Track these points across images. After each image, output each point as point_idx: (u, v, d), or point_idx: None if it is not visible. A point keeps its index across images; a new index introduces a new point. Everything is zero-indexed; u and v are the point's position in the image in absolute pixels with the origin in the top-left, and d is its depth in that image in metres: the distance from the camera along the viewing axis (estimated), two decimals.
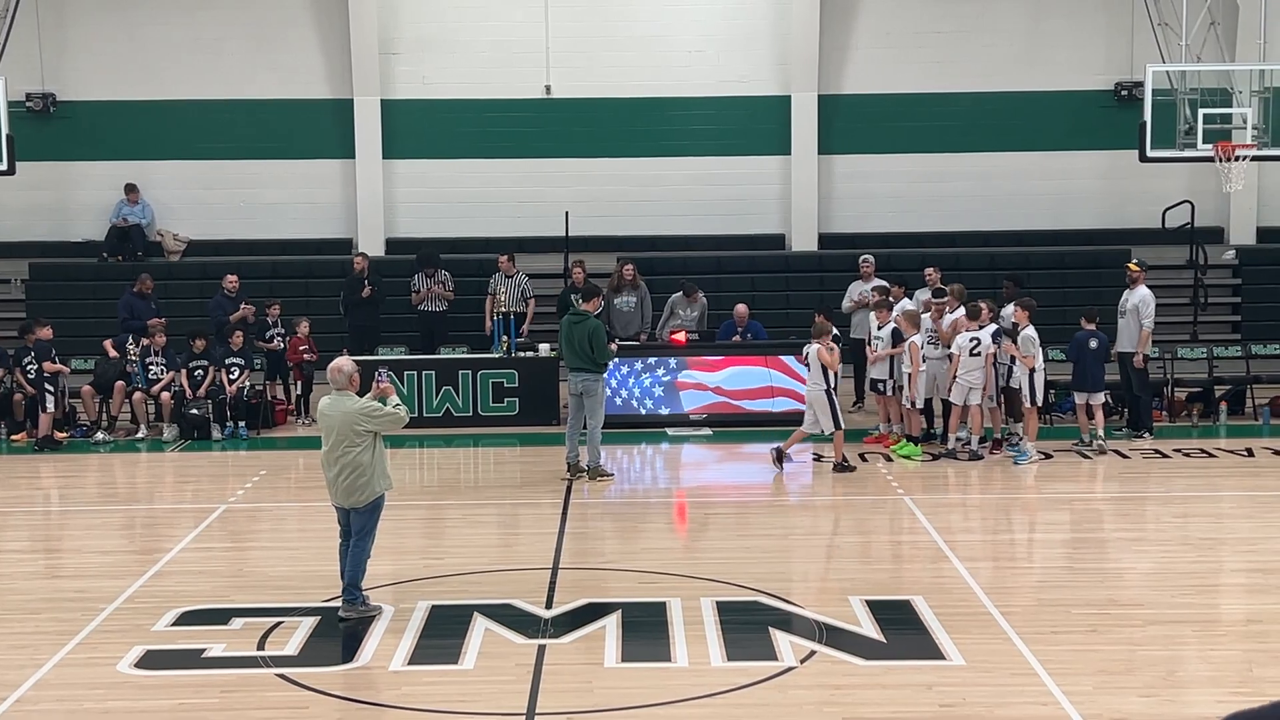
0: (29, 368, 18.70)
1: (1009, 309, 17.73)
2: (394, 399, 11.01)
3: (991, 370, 16.88)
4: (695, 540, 13.80)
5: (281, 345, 19.99)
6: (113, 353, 19.43)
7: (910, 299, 18.77)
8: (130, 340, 19.48)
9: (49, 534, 14.73)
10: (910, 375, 17.07)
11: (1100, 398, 17.47)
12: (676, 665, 9.73)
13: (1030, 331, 16.78)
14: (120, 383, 19.11)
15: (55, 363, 18.63)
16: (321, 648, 10.26)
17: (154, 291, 20.98)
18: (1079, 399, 17.51)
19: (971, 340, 16.71)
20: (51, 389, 18.45)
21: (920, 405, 17.35)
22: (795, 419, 18.35)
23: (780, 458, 16.29)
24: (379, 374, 11.13)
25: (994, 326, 17.02)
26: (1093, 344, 17.38)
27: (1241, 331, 23.29)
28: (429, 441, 18.67)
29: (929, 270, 19.62)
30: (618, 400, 19.06)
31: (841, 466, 16.11)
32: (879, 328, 17.79)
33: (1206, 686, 9.39)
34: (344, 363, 10.97)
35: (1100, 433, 17.23)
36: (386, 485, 10.92)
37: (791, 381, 18.93)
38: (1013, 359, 16.96)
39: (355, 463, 10.69)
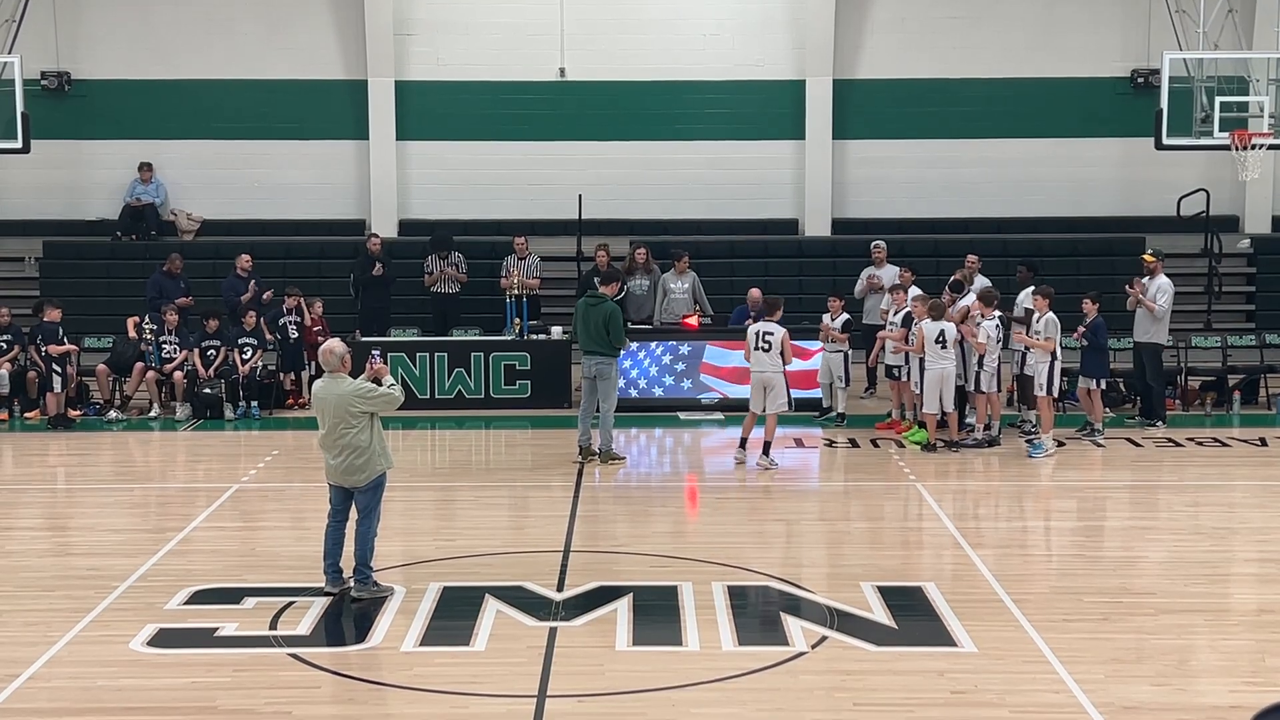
0: (42, 347, 18.74)
1: (1024, 294, 17.67)
2: (388, 379, 11.08)
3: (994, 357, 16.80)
4: (707, 524, 13.80)
5: (296, 334, 19.91)
6: (132, 333, 19.41)
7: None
8: (146, 319, 19.48)
9: (62, 512, 14.77)
10: (920, 360, 16.98)
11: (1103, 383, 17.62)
12: (687, 649, 9.73)
13: (1052, 316, 16.60)
14: (140, 364, 19.14)
15: (63, 344, 18.69)
16: (333, 628, 10.30)
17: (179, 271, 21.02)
18: (1087, 384, 17.41)
19: (942, 330, 16.45)
20: (59, 369, 18.48)
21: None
22: (812, 403, 18.34)
23: (744, 445, 15.90)
24: (373, 355, 11.21)
25: (998, 314, 16.94)
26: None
27: (1256, 321, 23.21)
28: (441, 423, 18.70)
29: (970, 257, 19.59)
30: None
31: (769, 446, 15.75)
32: (894, 312, 17.76)
33: (1218, 676, 9.37)
34: (335, 345, 11.02)
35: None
36: (387, 464, 10.96)
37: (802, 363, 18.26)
38: (1027, 346, 16.91)
39: (354, 444, 10.72)
